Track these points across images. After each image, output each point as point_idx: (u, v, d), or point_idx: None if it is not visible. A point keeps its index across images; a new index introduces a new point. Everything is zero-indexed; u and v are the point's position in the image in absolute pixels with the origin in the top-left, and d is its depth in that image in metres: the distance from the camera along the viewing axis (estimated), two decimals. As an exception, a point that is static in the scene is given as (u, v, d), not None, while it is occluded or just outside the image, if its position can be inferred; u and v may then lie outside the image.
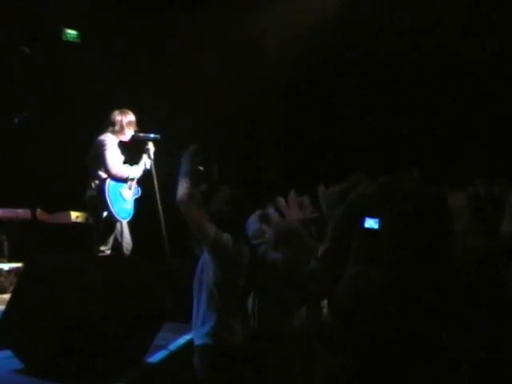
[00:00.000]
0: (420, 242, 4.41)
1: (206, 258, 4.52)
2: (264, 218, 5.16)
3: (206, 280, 4.46)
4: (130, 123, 7.28)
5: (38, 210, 8.06)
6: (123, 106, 7.41)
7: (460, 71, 8.32)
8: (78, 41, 9.29)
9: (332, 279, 4.70)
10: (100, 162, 7.15)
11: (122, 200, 7.29)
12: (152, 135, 7.39)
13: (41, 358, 5.14)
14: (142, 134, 7.36)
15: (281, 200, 5.24)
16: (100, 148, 7.15)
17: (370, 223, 4.77)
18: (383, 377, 4.14)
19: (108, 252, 7.13)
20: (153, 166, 7.34)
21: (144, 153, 7.38)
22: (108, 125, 7.26)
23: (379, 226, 4.72)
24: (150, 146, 7.34)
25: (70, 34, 9.25)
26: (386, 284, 4.32)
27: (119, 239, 7.27)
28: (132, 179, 7.34)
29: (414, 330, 4.16)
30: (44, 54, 8.79)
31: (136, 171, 7.39)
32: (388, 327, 4.22)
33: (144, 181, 7.50)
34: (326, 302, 4.84)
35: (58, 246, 7.77)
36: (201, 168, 6.49)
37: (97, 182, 7.15)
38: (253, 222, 5.13)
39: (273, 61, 9.25)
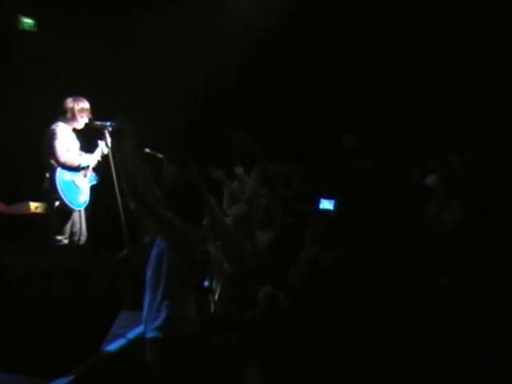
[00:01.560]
0: (377, 221, 4.43)
1: (161, 247, 4.42)
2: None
3: (163, 271, 4.35)
4: (82, 110, 7.20)
5: (-4, 202, 7.98)
6: (79, 94, 7.33)
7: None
8: (35, 30, 9.17)
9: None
10: (50, 151, 7.09)
11: (76, 189, 7.22)
12: (109, 123, 7.31)
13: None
14: (98, 122, 7.29)
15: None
16: (49, 137, 7.11)
17: (325, 205, 4.79)
18: (343, 353, 4.16)
19: (65, 241, 7.07)
20: (110, 154, 7.27)
21: (101, 140, 7.31)
22: (60, 112, 7.19)
23: (334, 207, 4.73)
24: (107, 134, 7.26)
25: (26, 22, 9.13)
26: (343, 263, 4.33)
27: (73, 229, 7.22)
28: (85, 167, 7.26)
29: (373, 308, 4.18)
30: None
31: (89, 160, 7.32)
32: (345, 305, 4.24)
33: (102, 168, 7.43)
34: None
35: (17, 236, 7.66)
36: (147, 150, 6.39)
37: (49, 171, 7.09)
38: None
39: (232, 43, 9.23)
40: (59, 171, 7.08)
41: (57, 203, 7.09)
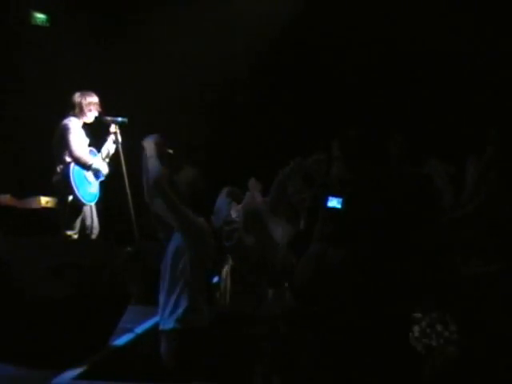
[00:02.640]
0: (386, 221, 4.43)
1: (178, 243, 4.48)
2: (232, 195, 5.15)
3: (181, 266, 4.45)
4: (89, 104, 7.22)
5: (8, 196, 8.02)
6: (90, 89, 7.36)
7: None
8: (47, 25, 9.21)
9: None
10: (63, 145, 7.11)
11: (87, 183, 7.24)
12: (119, 118, 7.34)
13: (3, 340, 5.13)
14: (108, 118, 7.32)
15: (253, 181, 5.25)
16: (63, 131, 7.13)
17: (333, 203, 4.79)
18: (344, 353, 4.16)
19: (75, 236, 7.10)
20: (120, 149, 7.29)
21: (109, 136, 7.33)
22: (70, 108, 7.23)
23: (342, 205, 4.73)
24: (116, 129, 7.29)
25: (39, 17, 9.17)
26: (348, 261, 4.33)
27: (86, 223, 7.24)
28: (96, 170, 7.28)
29: (374, 306, 4.17)
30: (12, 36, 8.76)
31: (101, 165, 7.34)
32: (349, 303, 4.23)
33: (112, 163, 7.46)
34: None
35: (28, 230, 7.70)
36: (170, 151, 6.44)
37: (62, 166, 7.12)
38: (223, 201, 5.11)
39: (242, 46, 9.23)
40: (73, 166, 7.11)
41: (70, 198, 7.11)
